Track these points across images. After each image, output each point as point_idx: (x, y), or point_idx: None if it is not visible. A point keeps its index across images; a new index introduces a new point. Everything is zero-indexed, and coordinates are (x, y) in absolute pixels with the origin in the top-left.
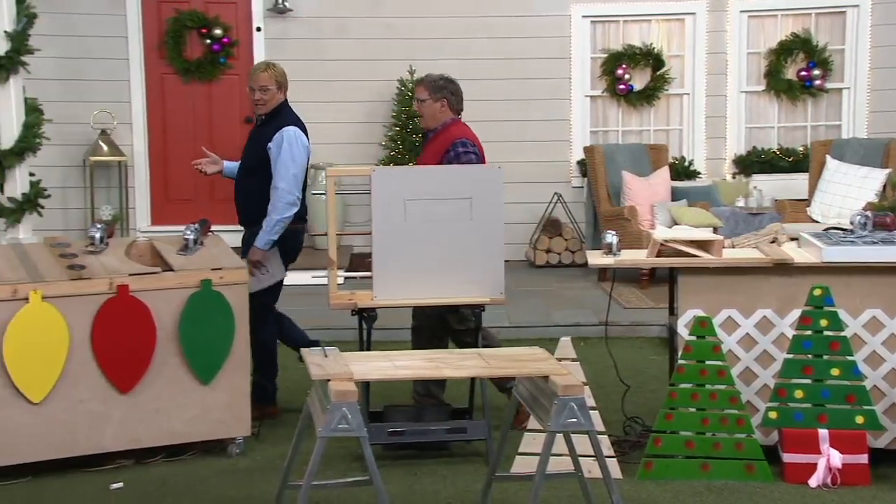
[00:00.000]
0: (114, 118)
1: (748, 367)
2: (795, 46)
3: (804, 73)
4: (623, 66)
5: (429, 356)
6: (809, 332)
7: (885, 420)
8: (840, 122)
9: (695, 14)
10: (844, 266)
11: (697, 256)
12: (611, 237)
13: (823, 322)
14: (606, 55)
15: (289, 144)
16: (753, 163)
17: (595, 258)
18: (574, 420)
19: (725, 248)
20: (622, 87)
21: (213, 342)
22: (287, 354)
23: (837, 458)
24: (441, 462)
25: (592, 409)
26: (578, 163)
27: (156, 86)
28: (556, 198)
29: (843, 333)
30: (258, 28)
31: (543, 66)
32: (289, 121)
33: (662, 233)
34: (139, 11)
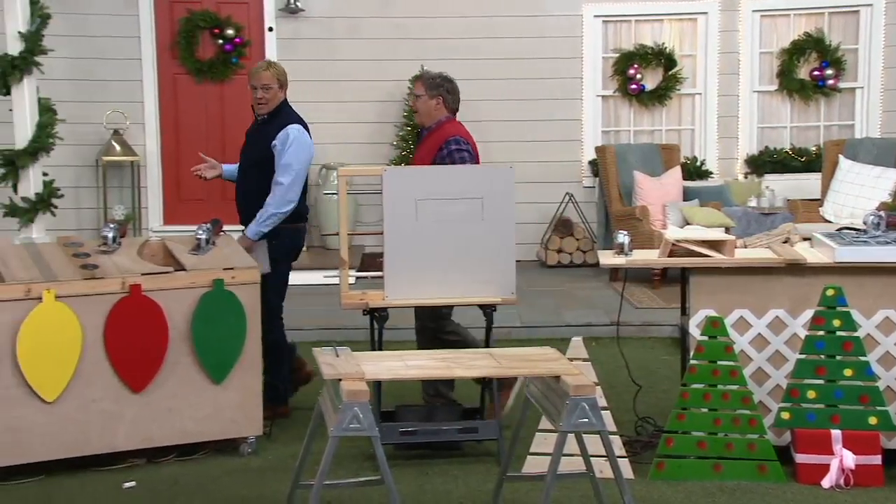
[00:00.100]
0: (126, 118)
1: (760, 368)
2: (808, 46)
3: (817, 73)
4: (635, 66)
5: (440, 356)
6: (822, 333)
7: None
8: (853, 122)
9: (707, 14)
10: (857, 266)
11: (709, 256)
12: (622, 237)
13: (836, 322)
14: (618, 55)
15: (293, 142)
16: (766, 163)
17: (607, 258)
18: (586, 420)
19: (737, 248)
20: (634, 87)
21: (225, 342)
22: (300, 355)
23: (850, 459)
24: (452, 462)
25: (604, 410)
26: (590, 163)
27: (168, 86)
28: (568, 198)
29: (856, 334)
30: (270, 28)
31: (555, 66)
32: (292, 119)
33: (674, 233)
34: (152, 12)
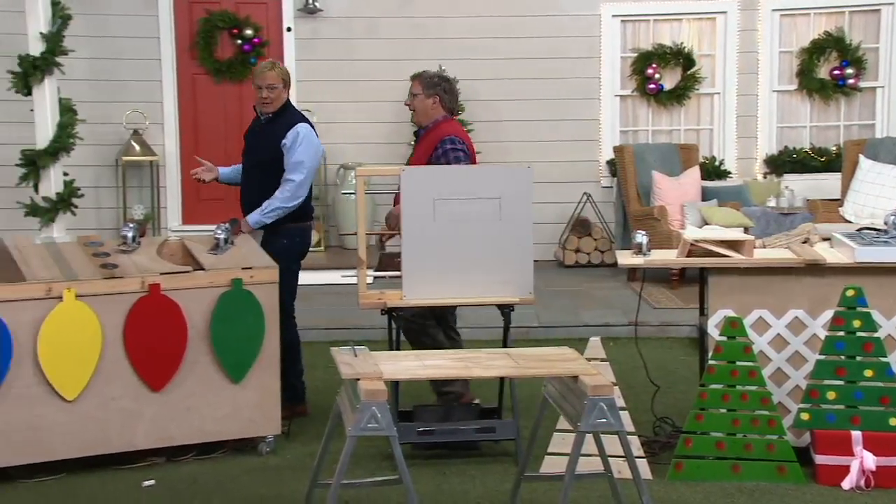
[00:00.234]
0: (146, 118)
1: (779, 368)
2: (828, 45)
3: (837, 72)
4: (653, 66)
5: (458, 356)
6: (842, 333)
7: None
8: (873, 122)
9: (726, 13)
10: (878, 266)
11: (728, 256)
12: (641, 237)
13: (856, 323)
14: (636, 55)
15: (303, 140)
16: (785, 162)
17: (625, 258)
18: (604, 420)
19: (756, 249)
20: (652, 87)
21: (244, 341)
22: (317, 354)
23: (871, 461)
24: (470, 462)
25: (622, 410)
26: (608, 162)
27: (187, 86)
28: (586, 197)
29: (877, 334)
30: (288, 28)
31: (573, 66)
32: (298, 118)
33: (693, 233)
34: (171, 12)
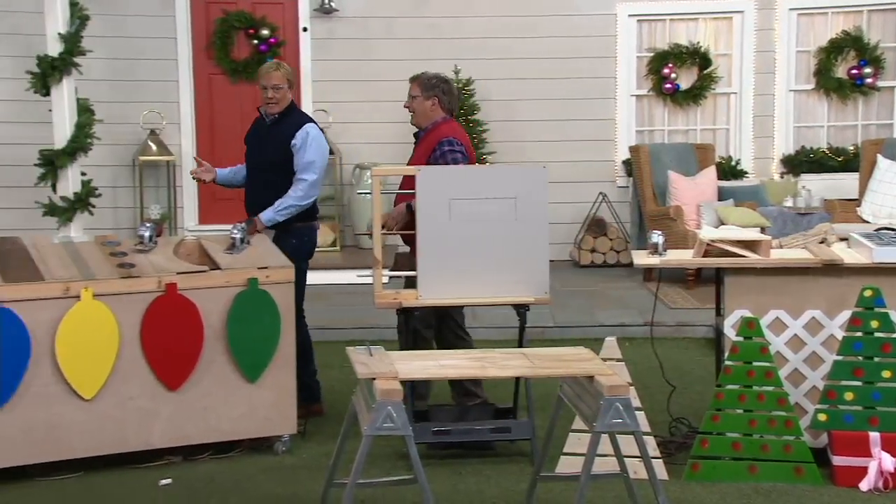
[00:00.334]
0: (163, 118)
1: (796, 369)
2: (846, 44)
3: (855, 71)
4: (669, 65)
5: (474, 356)
6: (860, 334)
7: None
8: (892, 121)
9: (743, 12)
10: None
11: (744, 257)
12: (657, 237)
13: (874, 323)
14: (652, 54)
15: (313, 140)
16: (802, 162)
17: (641, 258)
18: (620, 420)
19: (773, 249)
20: (668, 87)
21: (260, 340)
22: (333, 354)
23: (889, 462)
24: (486, 462)
25: (638, 410)
26: (624, 162)
27: (204, 86)
28: (601, 197)
29: (895, 335)
30: (305, 28)
31: (589, 66)
32: (305, 118)
33: (709, 233)
34: (188, 12)
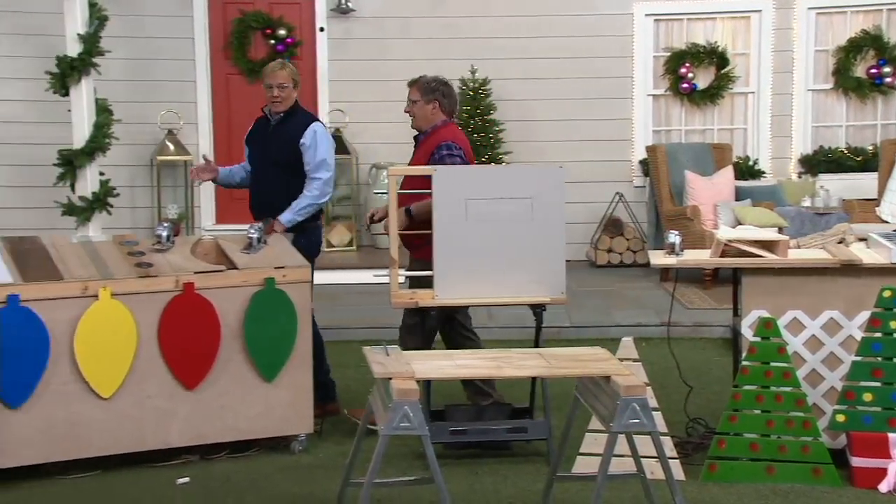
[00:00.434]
0: (180, 118)
1: (814, 370)
2: (865, 43)
3: (874, 71)
4: (686, 65)
5: (490, 355)
6: (879, 335)
7: None
8: None
9: (761, 11)
10: None
11: (762, 257)
12: (674, 237)
13: (893, 324)
14: (669, 54)
15: (322, 139)
16: (820, 162)
17: (657, 258)
18: (636, 421)
19: (791, 249)
20: (685, 86)
21: (277, 340)
22: (350, 354)
23: None
24: (502, 461)
25: (655, 410)
26: (640, 162)
27: (221, 86)
28: (618, 197)
29: None
30: (321, 28)
31: (605, 65)
32: (311, 118)
33: (726, 233)
34: (205, 13)
